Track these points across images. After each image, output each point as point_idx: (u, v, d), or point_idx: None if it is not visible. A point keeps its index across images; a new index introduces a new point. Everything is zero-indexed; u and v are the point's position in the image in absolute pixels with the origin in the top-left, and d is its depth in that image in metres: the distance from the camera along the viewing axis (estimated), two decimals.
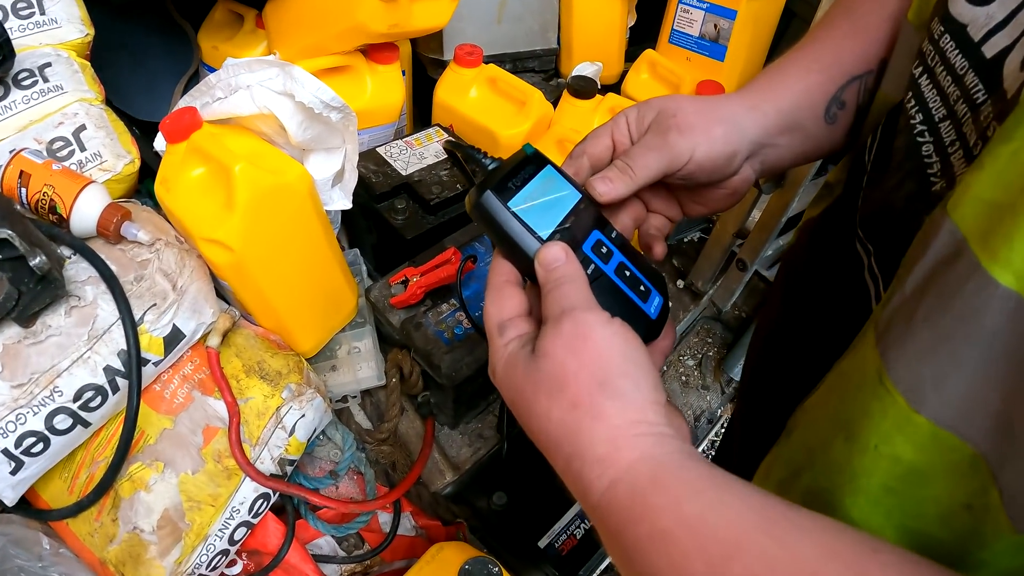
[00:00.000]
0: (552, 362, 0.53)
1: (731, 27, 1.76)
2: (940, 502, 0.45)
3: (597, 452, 0.49)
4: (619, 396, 0.51)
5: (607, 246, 0.66)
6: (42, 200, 1.03)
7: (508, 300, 0.61)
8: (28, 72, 1.16)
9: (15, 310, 0.91)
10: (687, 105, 0.71)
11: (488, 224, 0.63)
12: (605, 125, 0.75)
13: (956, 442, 0.42)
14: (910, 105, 0.60)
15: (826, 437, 0.52)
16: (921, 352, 0.44)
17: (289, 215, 1.10)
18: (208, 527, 1.05)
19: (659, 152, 0.69)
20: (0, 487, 0.95)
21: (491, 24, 1.84)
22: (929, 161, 0.55)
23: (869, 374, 0.47)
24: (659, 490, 0.46)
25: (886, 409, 0.45)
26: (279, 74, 1.07)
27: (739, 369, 1.85)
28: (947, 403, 0.42)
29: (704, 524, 0.43)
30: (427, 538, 1.34)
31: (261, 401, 1.12)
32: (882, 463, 0.46)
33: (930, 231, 0.45)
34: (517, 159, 0.66)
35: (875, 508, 0.47)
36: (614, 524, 0.48)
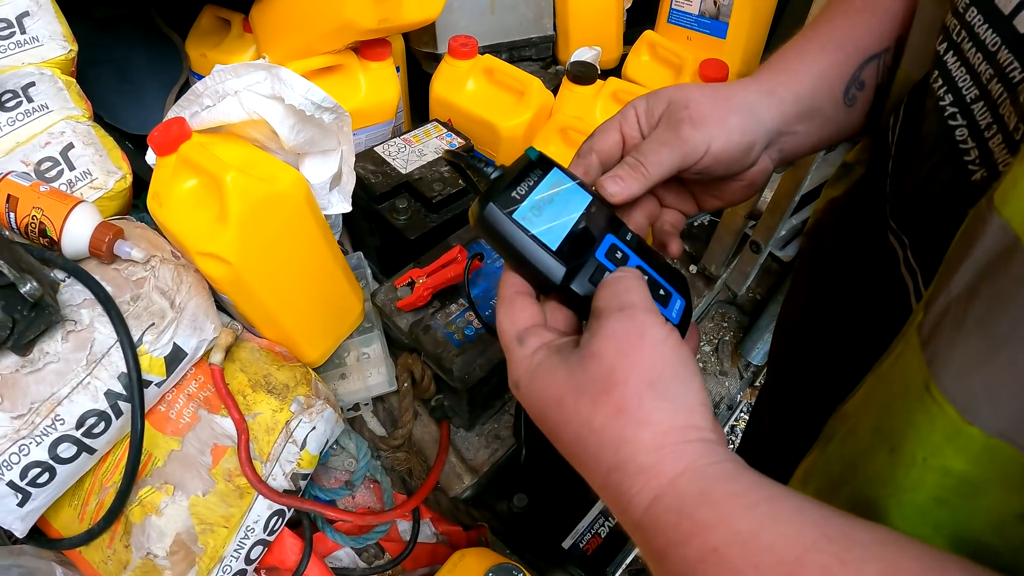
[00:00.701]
0: (600, 363, 0.50)
1: (731, 3, 1.73)
2: (992, 512, 0.42)
3: (640, 462, 0.47)
4: (669, 397, 0.49)
5: (622, 250, 0.63)
6: (31, 224, 1.00)
7: (522, 311, 0.59)
8: (11, 93, 1.14)
9: (10, 339, 0.89)
10: (699, 95, 0.68)
11: (494, 238, 0.60)
12: (613, 119, 0.72)
13: (1011, 451, 0.39)
14: (937, 85, 0.56)
15: (867, 448, 0.49)
16: (974, 360, 0.40)
17: (286, 223, 1.08)
18: (223, 549, 1.03)
19: (672, 147, 0.66)
20: (9, 520, 0.93)
21: (484, 14, 1.82)
22: (965, 147, 0.52)
23: (913, 383, 0.44)
24: (708, 505, 0.44)
25: (934, 420, 0.42)
26: (267, 77, 1.04)
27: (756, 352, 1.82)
28: (1000, 412, 0.39)
29: (759, 542, 0.41)
30: (448, 544, 1.32)
31: (270, 416, 1.09)
32: (931, 476, 0.43)
33: (976, 227, 0.42)
34: (521, 165, 0.64)
35: (924, 520, 0.44)
36: (659, 543, 0.45)
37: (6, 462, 0.88)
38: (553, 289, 0.60)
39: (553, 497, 1.32)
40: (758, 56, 1.85)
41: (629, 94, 1.56)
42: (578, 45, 1.88)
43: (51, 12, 1.23)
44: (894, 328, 0.50)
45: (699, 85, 0.70)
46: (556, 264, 0.59)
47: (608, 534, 1.31)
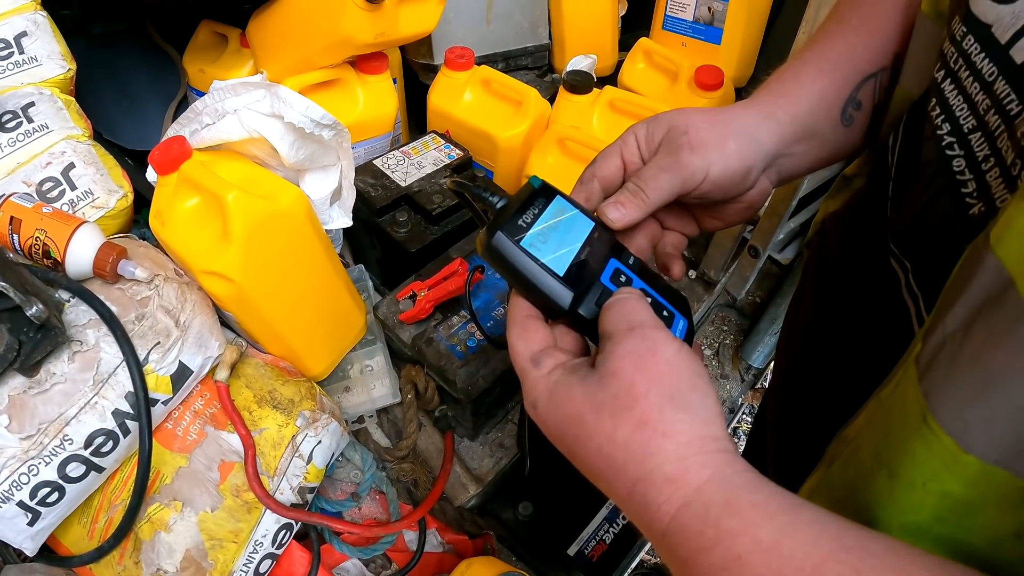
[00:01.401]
0: (620, 381, 0.51)
1: (725, 9, 1.74)
2: (989, 529, 0.44)
3: (666, 471, 0.48)
4: (689, 409, 0.50)
5: (625, 274, 0.64)
6: (35, 245, 1.01)
7: (534, 333, 0.60)
8: (11, 114, 1.14)
9: (17, 360, 0.89)
10: (699, 120, 0.70)
11: (503, 266, 0.61)
12: (614, 145, 0.73)
13: (1006, 476, 0.41)
14: (935, 113, 0.57)
15: (868, 472, 0.51)
16: (969, 394, 0.42)
17: (288, 240, 1.08)
18: (232, 563, 1.04)
19: (672, 172, 0.68)
20: (20, 539, 0.93)
21: (480, 24, 1.83)
22: (963, 179, 0.53)
23: (911, 413, 0.46)
24: (732, 514, 0.45)
25: (932, 449, 0.44)
26: (266, 96, 1.05)
27: (757, 355, 1.82)
28: (996, 442, 0.41)
29: (780, 549, 0.42)
30: (455, 553, 1.32)
31: (276, 431, 1.09)
32: (930, 499, 0.45)
33: (972, 264, 0.43)
34: (525, 194, 0.65)
35: (924, 537, 0.46)
36: (686, 550, 0.46)
37: (16, 483, 0.88)
38: (562, 314, 0.61)
39: (558, 505, 1.32)
40: (753, 61, 1.86)
41: (625, 102, 1.56)
42: (574, 53, 1.89)
43: (49, 32, 1.23)
44: (896, 351, 0.51)
45: (699, 110, 0.72)
46: (564, 290, 0.60)
47: (613, 540, 1.32)
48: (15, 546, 0.94)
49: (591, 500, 1.34)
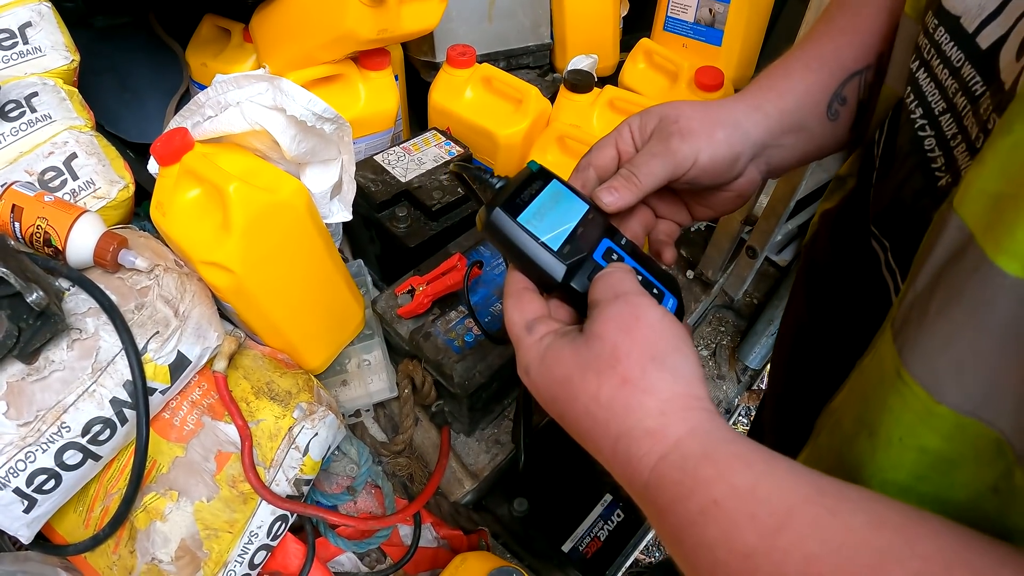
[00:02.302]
0: (604, 342, 0.54)
1: (726, 10, 1.74)
2: (969, 487, 0.45)
3: (647, 425, 0.51)
4: (670, 369, 0.53)
5: (617, 253, 0.67)
6: (36, 233, 1.01)
7: (529, 304, 0.63)
8: (15, 103, 1.15)
9: (16, 347, 0.90)
10: (689, 110, 0.73)
11: (500, 241, 0.64)
12: (609, 135, 0.77)
13: (980, 428, 0.42)
14: (909, 100, 0.60)
15: (851, 436, 0.53)
16: (937, 344, 0.44)
17: (288, 232, 1.09)
18: (227, 554, 1.04)
19: (663, 158, 0.71)
20: (15, 526, 0.93)
21: (482, 22, 1.83)
22: (932, 155, 0.56)
23: (887, 371, 0.48)
24: (710, 462, 0.47)
25: (907, 402, 0.46)
26: (269, 89, 1.05)
27: (754, 356, 1.83)
28: (967, 391, 0.43)
29: (755, 494, 0.44)
30: (449, 548, 1.33)
31: (272, 423, 1.10)
32: (908, 455, 0.47)
33: (938, 227, 0.46)
34: (523, 176, 0.68)
35: (906, 497, 0.46)
36: (664, 500, 0.49)
37: (12, 469, 0.89)
38: (555, 286, 0.64)
39: (553, 501, 1.32)
40: (753, 63, 1.86)
41: (626, 102, 1.57)
42: (575, 53, 1.89)
43: (53, 23, 1.24)
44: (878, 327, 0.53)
45: (690, 102, 0.75)
46: (557, 263, 0.63)
47: (607, 537, 1.32)
48: (10, 533, 0.94)
49: (586, 497, 1.34)
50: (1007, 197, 0.40)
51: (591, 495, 1.35)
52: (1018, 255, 0.39)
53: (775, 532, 0.42)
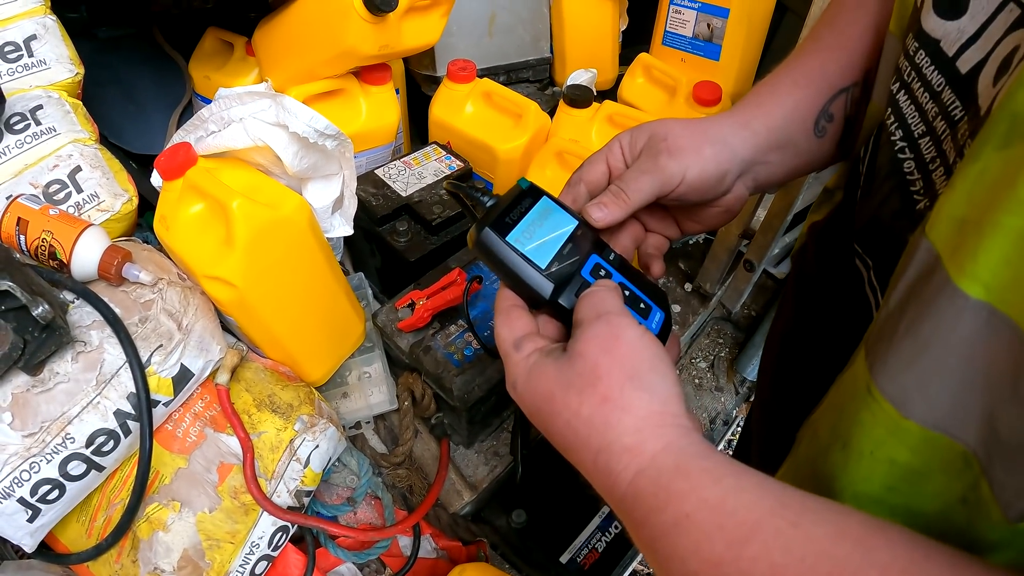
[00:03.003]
0: (585, 361, 0.56)
1: (724, 25, 1.75)
2: (938, 498, 0.47)
3: (624, 442, 0.52)
4: (647, 388, 0.54)
5: (605, 268, 0.69)
6: (41, 246, 1.02)
7: (518, 321, 0.65)
8: (20, 116, 1.16)
9: (21, 359, 0.91)
10: (678, 128, 0.75)
11: (490, 260, 0.66)
12: (600, 151, 0.79)
13: (947, 441, 0.44)
14: (889, 122, 0.61)
15: (826, 447, 0.55)
16: (904, 362, 0.46)
17: (290, 247, 1.10)
18: (229, 564, 1.05)
19: (651, 175, 0.72)
20: (19, 535, 0.94)
21: (482, 37, 1.84)
22: (911, 178, 0.57)
23: (860, 386, 0.50)
24: (682, 477, 0.49)
25: (876, 417, 0.48)
26: (271, 105, 1.06)
27: (752, 368, 1.84)
28: (933, 407, 0.45)
29: (724, 507, 0.46)
30: (448, 559, 1.33)
31: (274, 435, 1.11)
32: (879, 467, 0.49)
33: (911, 250, 0.48)
34: (513, 194, 0.69)
35: (879, 508, 0.49)
36: (640, 513, 0.51)
37: (17, 479, 0.90)
38: (543, 303, 0.65)
39: (551, 513, 1.33)
40: (751, 78, 1.87)
41: (624, 117, 1.58)
42: (574, 67, 1.90)
43: (58, 36, 1.25)
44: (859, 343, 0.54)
45: (679, 120, 0.76)
46: (545, 281, 0.65)
47: (605, 549, 1.32)
48: (14, 542, 0.95)
49: (584, 508, 1.34)
50: (971, 222, 0.42)
51: (589, 507, 1.35)
52: (979, 278, 0.41)
53: (742, 543, 0.44)
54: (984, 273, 0.41)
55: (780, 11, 1.82)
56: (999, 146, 0.41)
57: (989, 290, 0.40)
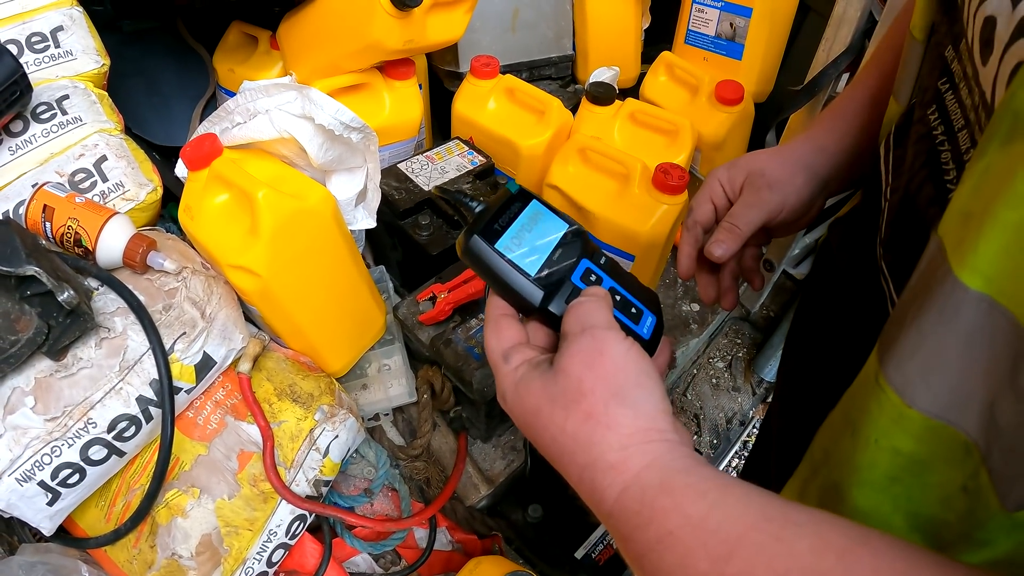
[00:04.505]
0: (569, 377, 0.56)
1: (747, 25, 1.75)
2: (941, 487, 0.48)
3: (609, 459, 0.52)
4: (631, 405, 0.54)
5: (596, 273, 0.68)
6: (67, 233, 1.03)
7: (507, 331, 0.64)
8: (46, 105, 1.17)
9: (45, 344, 0.92)
10: (771, 163, 0.87)
11: (478, 267, 0.65)
12: (702, 192, 0.91)
13: (949, 430, 0.45)
14: (933, 116, 0.61)
15: (837, 435, 0.56)
16: (909, 352, 0.47)
17: (314, 238, 1.10)
18: (246, 551, 1.06)
19: (758, 208, 0.85)
20: (38, 518, 0.95)
21: (505, 34, 1.84)
22: (947, 168, 0.58)
23: (869, 376, 0.51)
24: (666, 494, 0.49)
25: (882, 406, 0.48)
26: (297, 97, 1.07)
27: (769, 369, 1.84)
28: (935, 396, 0.45)
29: (707, 524, 0.46)
30: (464, 552, 1.34)
31: (294, 424, 1.12)
32: (883, 456, 0.49)
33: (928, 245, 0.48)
34: (502, 198, 0.68)
35: (883, 498, 0.50)
36: (625, 529, 0.51)
37: (38, 463, 0.91)
38: (533, 311, 0.65)
39: (567, 508, 1.33)
40: (773, 77, 1.86)
41: (647, 115, 1.59)
42: (597, 65, 1.90)
43: (84, 27, 1.26)
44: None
45: (766, 152, 0.90)
46: (534, 289, 0.64)
47: None
48: (33, 525, 0.96)
49: None
50: (974, 216, 0.42)
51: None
52: (979, 270, 0.41)
53: (725, 559, 0.44)
54: (983, 265, 0.41)
55: (803, 11, 1.81)
56: (1002, 143, 0.42)
57: (988, 282, 0.41)
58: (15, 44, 1.17)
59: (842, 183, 0.89)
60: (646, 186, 1.34)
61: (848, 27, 1.47)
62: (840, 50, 1.51)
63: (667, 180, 1.29)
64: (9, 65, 1.04)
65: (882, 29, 1.39)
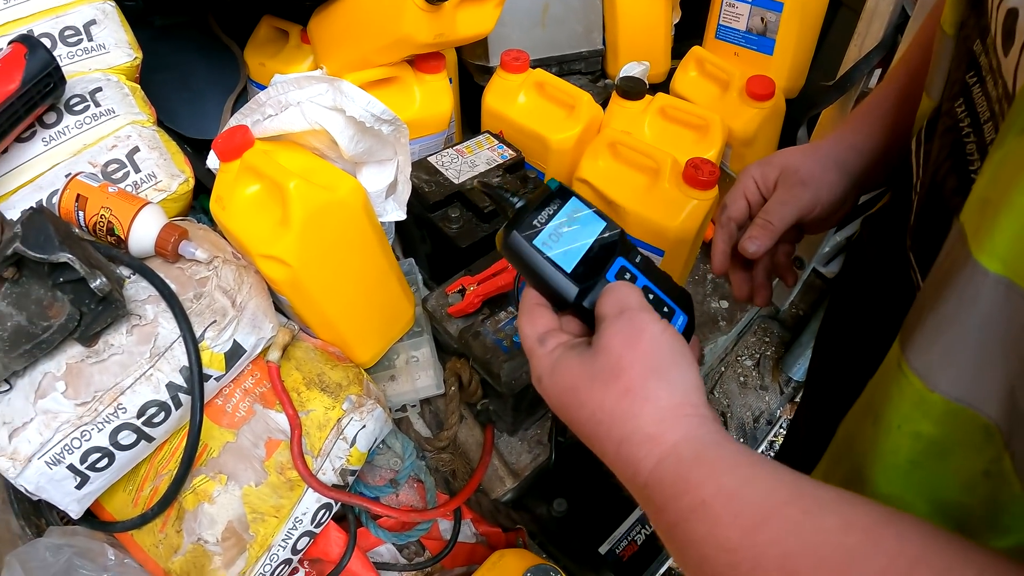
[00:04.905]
0: (609, 355, 0.59)
1: (778, 19, 1.74)
2: (962, 472, 0.48)
3: (647, 431, 0.55)
4: (668, 380, 0.57)
5: (631, 271, 0.70)
6: (100, 222, 1.04)
7: (541, 318, 0.67)
8: (79, 97, 1.18)
9: (77, 330, 0.93)
10: (804, 160, 0.88)
11: (517, 262, 0.68)
12: (736, 188, 0.92)
13: (969, 414, 0.46)
14: (960, 110, 0.62)
15: (860, 422, 0.57)
16: (930, 336, 0.48)
17: (344, 229, 1.11)
18: (272, 538, 1.06)
19: (792, 205, 0.86)
20: (66, 501, 0.96)
21: (535, 28, 1.84)
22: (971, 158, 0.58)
23: (892, 362, 0.52)
24: (700, 465, 0.52)
25: (904, 391, 0.50)
26: (329, 90, 1.07)
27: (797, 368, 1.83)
28: (956, 379, 0.46)
29: (739, 495, 0.48)
30: (487, 545, 1.34)
31: (322, 413, 1.12)
32: (905, 441, 0.50)
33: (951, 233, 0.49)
34: (542, 195, 0.70)
35: (905, 483, 0.51)
36: (660, 499, 0.53)
37: (67, 446, 0.92)
38: (568, 306, 0.67)
39: (592, 503, 1.33)
40: (804, 73, 1.85)
41: (678, 110, 1.58)
42: (627, 59, 1.90)
43: (117, 21, 1.27)
44: None
45: (799, 149, 0.91)
46: (570, 285, 0.66)
47: (644, 541, 1.32)
48: (61, 508, 0.97)
49: (625, 500, 1.34)
50: (992, 202, 0.43)
51: (630, 498, 1.35)
52: (997, 254, 0.42)
53: (755, 530, 0.45)
54: (1001, 248, 0.42)
55: (834, 5, 1.79)
56: (1020, 131, 0.43)
57: (1006, 264, 0.42)
58: (48, 37, 1.19)
59: (874, 180, 0.90)
60: (676, 181, 1.33)
61: (880, 22, 1.47)
62: (872, 45, 1.50)
63: (697, 175, 1.29)
64: (43, 58, 1.06)
65: (914, 24, 1.39)
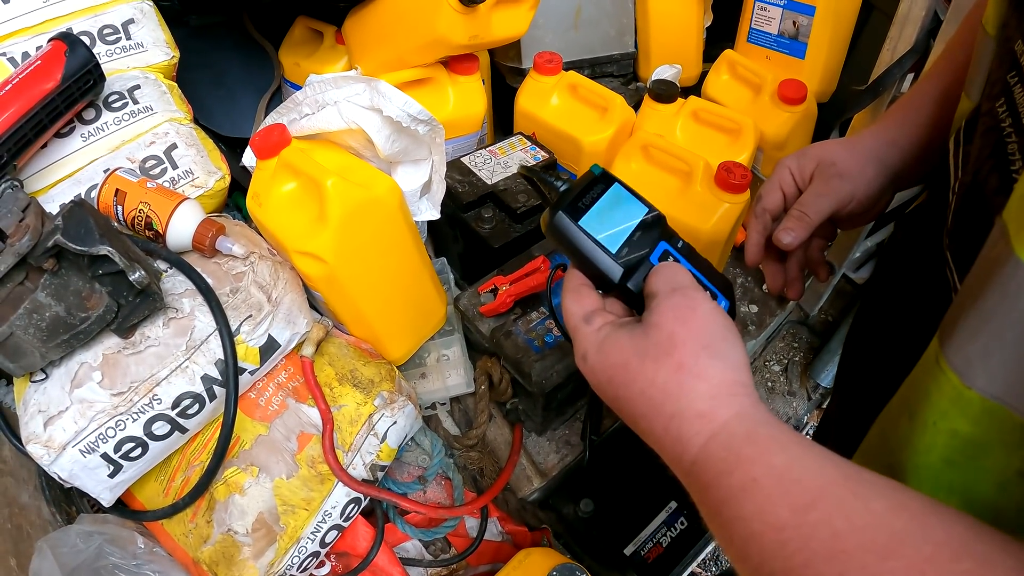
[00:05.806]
0: (661, 331, 0.60)
1: (810, 23, 1.73)
2: (996, 471, 0.49)
3: (699, 408, 0.56)
4: (720, 357, 0.58)
5: (673, 256, 0.71)
6: (138, 217, 1.06)
7: (587, 298, 0.68)
8: (118, 95, 1.20)
9: (115, 322, 0.95)
10: (842, 152, 0.88)
11: (562, 242, 0.69)
12: (772, 179, 0.92)
13: (1006, 413, 0.46)
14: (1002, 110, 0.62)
15: (895, 418, 0.57)
16: (969, 333, 0.48)
17: (380, 227, 1.12)
18: (301, 530, 1.07)
19: (828, 198, 0.86)
20: (98, 489, 0.98)
21: (568, 30, 1.85)
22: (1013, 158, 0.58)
23: (930, 359, 0.52)
24: (751, 443, 0.52)
25: (941, 387, 0.50)
26: (366, 89, 1.09)
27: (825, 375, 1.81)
28: (994, 377, 0.46)
29: (790, 474, 0.48)
30: (513, 543, 1.35)
31: (354, 409, 1.13)
32: (940, 438, 0.51)
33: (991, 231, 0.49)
34: (586, 179, 0.72)
35: (938, 482, 0.52)
36: (709, 476, 0.53)
37: (102, 435, 0.93)
38: (612, 287, 0.68)
39: (618, 504, 1.33)
40: (836, 77, 1.84)
41: (710, 113, 1.59)
42: (659, 62, 1.90)
43: (154, 20, 1.29)
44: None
45: (837, 142, 0.91)
46: (615, 266, 0.67)
47: (669, 544, 1.32)
48: (93, 496, 0.99)
49: (651, 502, 1.34)
50: None
51: (656, 501, 1.35)
52: None
53: (806, 509, 0.45)
54: None
55: (867, 9, 1.79)
56: None
57: None
58: (88, 36, 1.21)
59: (912, 177, 0.89)
60: (708, 184, 1.34)
61: (913, 26, 1.46)
62: (905, 49, 1.49)
63: (730, 178, 1.29)
64: (83, 55, 1.08)
65: (947, 28, 1.38)
